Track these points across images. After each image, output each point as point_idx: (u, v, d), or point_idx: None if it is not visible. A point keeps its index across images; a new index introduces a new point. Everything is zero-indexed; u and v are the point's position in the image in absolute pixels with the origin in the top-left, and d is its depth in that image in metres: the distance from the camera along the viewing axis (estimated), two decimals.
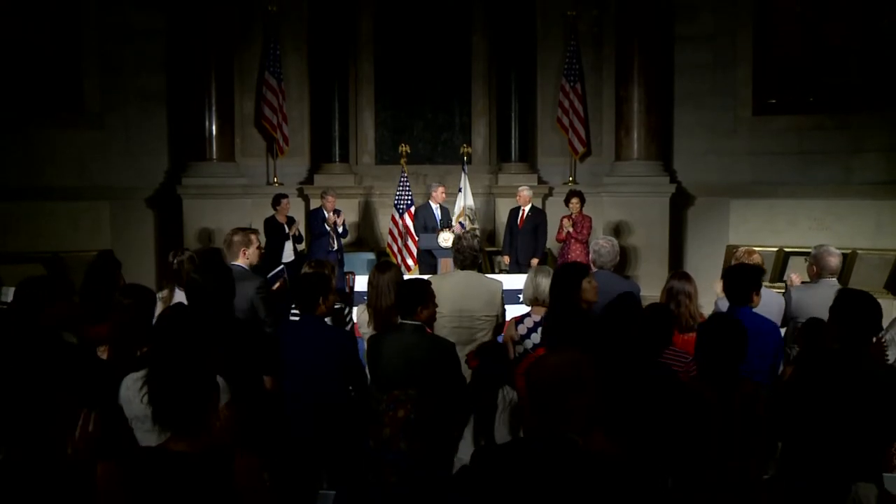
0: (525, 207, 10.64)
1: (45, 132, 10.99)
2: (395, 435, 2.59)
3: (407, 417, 2.59)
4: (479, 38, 12.61)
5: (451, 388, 4.38)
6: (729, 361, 3.67)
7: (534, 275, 5.25)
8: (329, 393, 4.53)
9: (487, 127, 12.75)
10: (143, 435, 3.45)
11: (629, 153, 11.90)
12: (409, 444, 2.58)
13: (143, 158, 11.74)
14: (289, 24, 12.18)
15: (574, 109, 12.16)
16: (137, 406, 3.51)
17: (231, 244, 5.62)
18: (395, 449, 2.58)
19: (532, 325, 5.04)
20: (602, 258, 5.78)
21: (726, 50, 11.92)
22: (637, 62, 11.71)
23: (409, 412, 2.61)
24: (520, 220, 10.64)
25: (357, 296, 6.94)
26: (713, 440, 3.50)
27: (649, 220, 11.74)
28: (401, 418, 2.60)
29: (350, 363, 4.64)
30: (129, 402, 3.53)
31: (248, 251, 5.61)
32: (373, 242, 12.23)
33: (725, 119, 11.94)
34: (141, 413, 3.50)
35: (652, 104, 11.79)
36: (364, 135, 12.65)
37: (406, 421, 2.59)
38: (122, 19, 11.54)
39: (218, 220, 11.19)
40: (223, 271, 4.35)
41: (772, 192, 11.34)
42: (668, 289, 5.39)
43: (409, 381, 3.35)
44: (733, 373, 3.67)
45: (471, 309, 5.37)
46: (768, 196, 11.36)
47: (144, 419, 3.48)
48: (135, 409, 3.50)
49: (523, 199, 10.65)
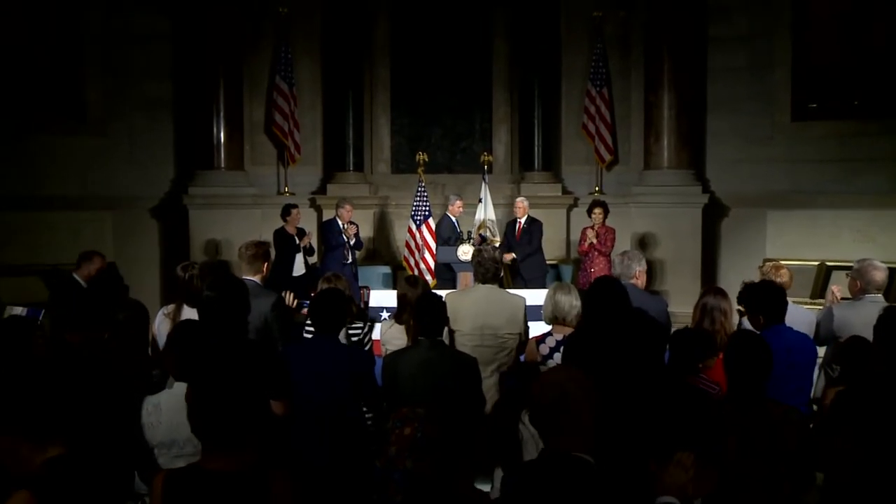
0: (521, 219, 10.64)
1: (46, 139, 11.09)
2: (401, 453, 2.62)
3: (413, 436, 2.62)
4: (501, 41, 12.63)
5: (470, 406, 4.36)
6: (751, 381, 3.64)
7: (553, 292, 5.23)
8: (341, 416, 4.48)
9: (509, 134, 12.74)
10: (168, 461, 3.45)
11: (659, 161, 11.87)
12: (415, 463, 2.59)
13: (147, 167, 11.82)
14: (301, 26, 12.24)
15: (600, 115, 12.14)
16: (163, 431, 3.51)
17: (246, 257, 5.60)
18: (402, 468, 2.60)
19: (554, 345, 5.00)
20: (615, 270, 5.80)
21: (763, 52, 11.87)
22: (667, 65, 11.69)
23: (415, 430, 2.64)
24: (517, 232, 10.62)
25: (371, 311, 6.94)
26: (731, 462, 3.45)
27: (680, 232, 11.68)
28: (407, 436, 2.64)
29: (365, 384, 4.61)
30: (153, 427, 3.53)
31: (264, 267, 5.61)
32: (388, 256, 12.22)
33: (762, 125, 11.87)
34: (167, 439, 3.52)
35: (683, 109, 11.75)
36: (379, 142, 12.68)
37: (413, 439, 2.63)
38: (126, 23, 11.66)
39: (226, 231, 11.24)
40: (239, 287, 4.31)
41: (812, 202, 11.25)
42: (701, 305, 5.34)
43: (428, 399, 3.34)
44: (757, 393, 3.64)
45: (493, 326, 5.36)
46: (808, 206, 11.27)
47: (171, 444, 3.50)
48: (160, 435, 3.50)
49: (521, 211, 10.64)
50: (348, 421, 4.49)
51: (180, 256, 9.68)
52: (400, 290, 5.43)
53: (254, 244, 5.73)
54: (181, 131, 12.02)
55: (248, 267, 5.55)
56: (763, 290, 4.99)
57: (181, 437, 3.45)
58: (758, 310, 4.86)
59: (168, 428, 3.55)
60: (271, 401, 3.96)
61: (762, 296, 4.92)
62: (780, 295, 4.94)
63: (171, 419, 3.52)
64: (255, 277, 5.49)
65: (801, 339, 4.86)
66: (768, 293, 4.94)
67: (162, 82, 11.91)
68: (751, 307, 4.95)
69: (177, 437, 3.49)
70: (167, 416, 3.56)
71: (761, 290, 4.98)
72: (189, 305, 5.49)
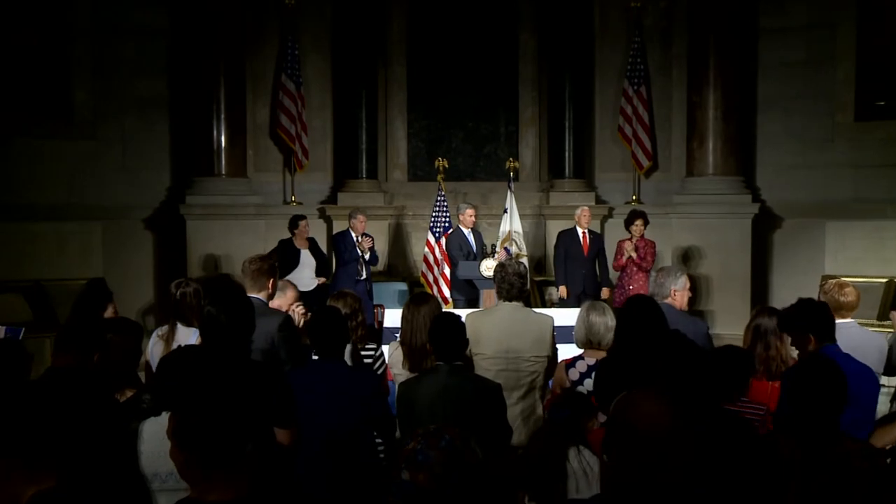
0: (585, 230, 10.59)
1: (29, 143, 11.10)
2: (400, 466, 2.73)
3: (414, 448, 2.69)
4: (528, 35, 12.64)
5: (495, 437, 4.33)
6: (822, 413, 3.57)
7: (586, 313, 5.19)
8: (349, 448, 4.47)
9: (537, 138, 12.75)
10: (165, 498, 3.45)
11: (703, 167, 11.82)
12: (411, 475, 2.67)
13: (141, 173, 11.87)
14: (309, 20, 12.30)
15: (638, 117, 12.11)
16: (144, 461, 3.52)
17: (250, 273, 5.59)
18: (398, 480, 2.70)
19: (585, 370, 4.98)
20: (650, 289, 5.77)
21: (823, 45, 11.79)
22: (713, 60, 11.65)
23: (417, 443, 2.71)
24: (584, 245, 10.53)
25: (387, 332, 6.93)
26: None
27: (727, 245, 11.62)
28: (409, 450, 2.71)
29: (376, 412, 4.59)
30: (156, 456, 3.52)
31: (270, 283, 5.60)
32: (405, 271, 12.22)
33: (820, 126, 11.79)
34: (149, 470, 3.53)
35: (730, 110, 11.70)
36: (395, 147, 12.71)
37: (413, 451, 2.69)
38: (119, 16, 11.72)
39: (227, 244, 11.28)
40: (244, 303, 4.31)
41: (878, 211, 11.17)
42: (753, 327, 5.27)
43: None
44: (827, 427, 3.56)
45: (517, 349, 5.33)
46: (873, 216, 11.19)
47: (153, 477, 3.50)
48: (160, 465, 3.50)
49: (586, 220, 10.56)
50: (353, 450, 4.48)
51: (176, 272, 9.69)
52: (403, 309, 5.44)
53: (258, 258, 5.72)
54: (178, 134, 12.07)
55: (252, 284, 5.52)
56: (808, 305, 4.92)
57: (163, 469, 3.44)
58: (807, 327, 4.78)
59: (149, 458, 3.53)
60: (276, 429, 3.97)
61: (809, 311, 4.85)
62: (826, 310, 4.89)
63: (154, 449, 3.51)
64: (261, 295, 5.49)
65: (860, 366, 4.79)
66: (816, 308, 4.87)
67: (157, 80, 11.97)
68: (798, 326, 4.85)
69: (159, 470, 3.48)
70: (149, 445, 3.55)
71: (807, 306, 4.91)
72: (183, 325, 5.50)
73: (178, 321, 5.61)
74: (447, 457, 2.68)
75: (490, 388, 4.57)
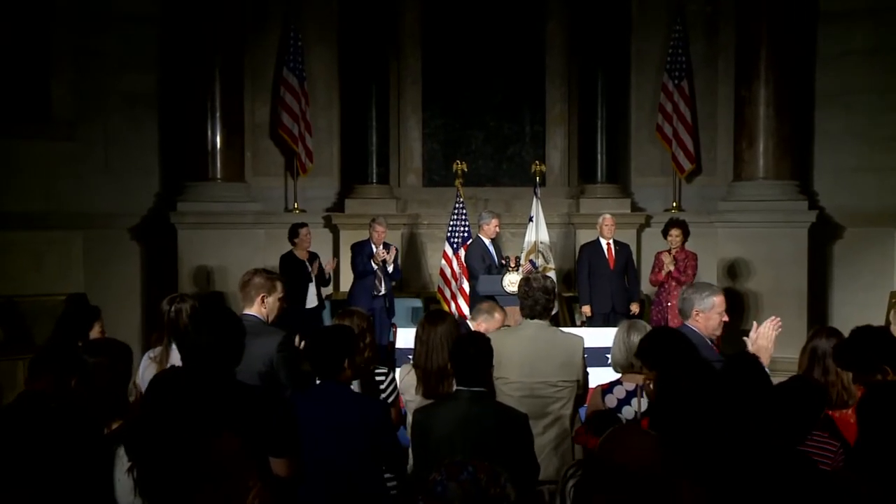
0: (610, 241, 10.57)
1: (2, 144, 11.09)
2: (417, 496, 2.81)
3: (434, 479, 2.74)
4: (556, 25, 12.64)
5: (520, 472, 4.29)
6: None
7: (626, 333, 5.15)
8: (353, 481, 4.46)
9: (566, 139, 12.74)
10: None
11: (753, 171, 11.78)
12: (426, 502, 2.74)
13: (126, 178, 11.90)
14: (314, 9, 12.38)
15: (679, 115, 12.10)
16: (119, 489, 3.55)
17: (247, 287, 5.59)
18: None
19: (624, 396, 4.97)
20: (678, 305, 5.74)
21: (892, 31, 11.69)
22: (764, 51, 11.59)
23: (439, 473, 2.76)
24: (610, 258, 10.53)
25: (400, 353, 6.92)
26: None
27: (780, 258, 11.55)
28: (431, 480, 2.76)
29: (383, 443, 4.57)
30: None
31: (268, 299, 5.57)
32: (419, 286, 12.23)
33: (888, 124, 11.72)
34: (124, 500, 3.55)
35: (784, 106, 11.65)
36: (409, 149, 12.72)
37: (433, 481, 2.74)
38: (102, 2, 11.74)
39: (222, 255, 11.31)
40: (228, 321, 4.29)
41: None
42: (810, 350, 5.20)
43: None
44: None
45: (543, 373, 5.33)
46: None
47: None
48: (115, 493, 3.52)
49: (609, 230, 10.56)
50: (354, 483, 4.46)
51: (166, 287, 9.68)
52: (417, 329, 5.42)
53: (256, 272, 5.72)
54: (168, 134, 12.12)
55: (249, 300, 5.54)
56: (871, 334, 4.84)
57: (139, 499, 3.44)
58: (881, 359, 4.70)
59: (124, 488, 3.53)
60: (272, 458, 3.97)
61: (877, 341, 4.77)
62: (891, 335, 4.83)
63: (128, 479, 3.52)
64: (256, 312, 5.49)
65: None
66: (882, 336, 4.80)
67: (145, 74, 12.01)
68: (865, 358, 4.76)
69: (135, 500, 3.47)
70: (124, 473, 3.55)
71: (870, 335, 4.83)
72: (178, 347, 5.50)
73: (171, 341, 5.58)
74: (468, 491, 2.70)
75: (516, 419, 4.55)
